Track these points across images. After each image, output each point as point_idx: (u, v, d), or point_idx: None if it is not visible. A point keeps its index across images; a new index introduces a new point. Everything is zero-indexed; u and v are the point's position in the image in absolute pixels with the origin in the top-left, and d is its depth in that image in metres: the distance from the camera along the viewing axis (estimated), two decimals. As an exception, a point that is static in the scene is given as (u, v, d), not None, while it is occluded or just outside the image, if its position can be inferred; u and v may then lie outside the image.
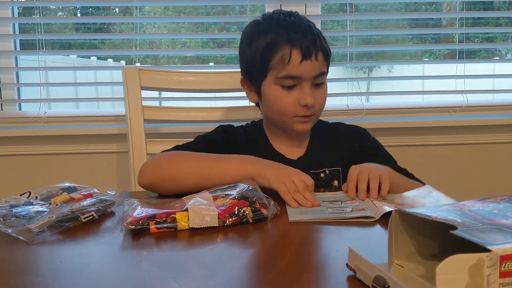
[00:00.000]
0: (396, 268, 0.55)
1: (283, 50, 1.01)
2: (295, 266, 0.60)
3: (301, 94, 1.03)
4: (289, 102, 1.03)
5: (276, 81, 1.03)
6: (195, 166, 0.96)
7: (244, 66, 1.11)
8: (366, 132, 1.20)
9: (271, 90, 1.05)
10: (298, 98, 1.03)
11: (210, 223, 0.74)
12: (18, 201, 0.81)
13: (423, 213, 0.52)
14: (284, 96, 1.04)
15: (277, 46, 1.02)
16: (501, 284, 0.42)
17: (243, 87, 1.14)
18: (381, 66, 2.17)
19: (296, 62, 1.01)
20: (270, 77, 1.04)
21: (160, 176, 0.95)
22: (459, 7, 1.77)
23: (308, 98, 1.02)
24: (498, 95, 1.95)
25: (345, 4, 1.69)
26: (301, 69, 1.01)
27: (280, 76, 1.02)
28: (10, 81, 1.67)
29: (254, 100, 1.14)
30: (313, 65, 1.02)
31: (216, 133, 1.14)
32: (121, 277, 0.59)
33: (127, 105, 1.36)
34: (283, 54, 1.01)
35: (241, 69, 1.14)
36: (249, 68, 1.09)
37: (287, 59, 1.01)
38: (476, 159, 1.75)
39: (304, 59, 1.01)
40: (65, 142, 1.62)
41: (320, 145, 1.14)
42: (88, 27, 1.90)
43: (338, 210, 0.82)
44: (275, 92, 1.04)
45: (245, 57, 1.09)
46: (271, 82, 1.04)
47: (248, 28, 1.11)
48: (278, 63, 1.02)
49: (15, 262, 0.64)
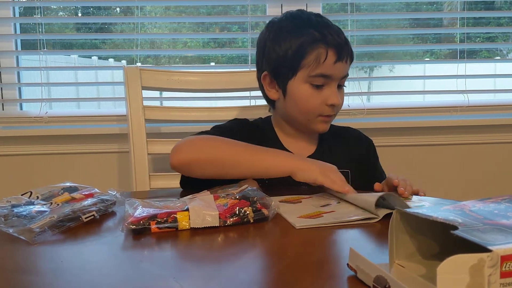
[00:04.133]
0: (397, 268, 0.55)
1: (319, 49, 1.03)
2: (295, 266, 0.60)
3: (329, 94, 1.05)
4: (317, 102, 1.05)
5: (307, 79, 1.05)
6: (238, 153, 0.96)
7: (270, 64, 1.10)
8: (373, 143, 1.23)
9: (300, 88, 1.06)
10: (325, 97, 1.05)
11: (211, 223, 0.74)
12: (19, 201, 0.81)
13: (424, 213, 0.51)
14: (313, 95, 1.05)
15: (313, 45, 1.03)
16: (502, 284, 0.42)
17: (263, 83, 1.13)
18: (382, 66, 2.17)
19: (331, 62, 1.03)
20: (301, 75, 1.05)
21: (202, 157, 0.94)
22: (460, 7, 1.77)
23: (336, 98, 1.05)
24: (499, 95, 1.94)
25: (346, 4, 1.69)
26: (334, 69, 1.04)
27: (313, 74, 1.04)
28: (11, 81, 1.67)
29: (274, 97, 1.12)
30: (343, 67, 1.06)
31: (238, 123, 1.15)
32: (122, 277, 0.59)
33: (128, 105, 1.36)
34: (319, 53, 1.03)
35: (262, 65, 1.12)
36: (277, 66, 1.08)
37: (323, 58, 1.03)
38: (478, 159, 1.75)
39: (338, 60, 1.04)
40: (66, 142, 1.62)
41: (329, 146, 1.16)
42: (89, 27, 1.90)
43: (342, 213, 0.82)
44: (304, 91, 1.06)
45: (273, 55, 1.08)
46: (301, 80, 1.05)
47: (274, 25, 1.10)
48: (312, 61, 1.03)
49: (16, 261, 0.64)
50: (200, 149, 0.96)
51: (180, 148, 0.96)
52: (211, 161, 0.94)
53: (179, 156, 0.95)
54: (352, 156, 1.15)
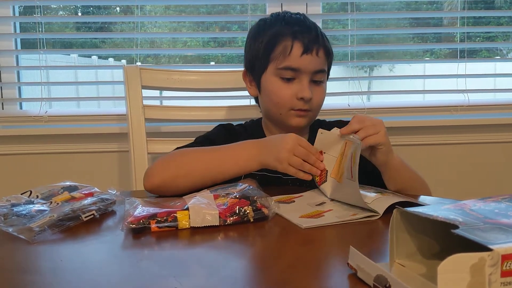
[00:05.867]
0: (397, 267, 0.55)
1: (286, 41, 1.05)
2: (295, 265, 0.60)
3: (299, 87, 1.05)
4: (287, 94, 1.06)
5: (276, 72, 1.06)
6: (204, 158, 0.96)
7: (247, 59, 1.14)
8: None
9: (270, 81, 1.07)
10: (296, 91, 1.05)
11: (211, 222, 0.74)
12: (19, 200, 0.81)
13: (425, 212, 0.51)
14: (282, 88, 1.06)
15: (280, 38, 1.05)
16: (503, 283, 0.42)
17: (245, 81, 1.17)
18: (382, 65, 2.17)
19: (297, 54, 1.04)
20: (271, 69, 1.07)
21: (169, 175, 0.93)
22: (460, 7, 1.77)
23: (306, 91, 1.04)
24: (499, 95, 1.94)
25: (346, 3, 1.69)
26: (301, 62, 1.04)
27: (280, 67, 1.05)
28: (11, 80, 1.67)
29: (254, 94, 1.16)
30: (313, 60, 1.05)
31: (217, 131, 1.15)
32: (122, 276, 0.59)
33: (128, 104, 1.36)
34: (285, 46, 1.04)
35: (244, 62, 1.16)
36: (252, 61, 1.11)
37: (288, 50, 1.04)
38: (477, 158, 1.75)
39: (305, 52, 1.04)
40: (66, 141, 1.62)
41: None
42: (89, 26, 1.90)
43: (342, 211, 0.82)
44: (274, 84, 1.07)
45: (250, 50, 1.12)
46: (271, 73, 1.07)
47: (255, 25, 1.15)
48: (280, 54, 1.05)
49: (16, 261, 0.64)
50: (168, 167, 0.95)
51: (150, 172, 0.95)
52: (182, 175, 0.93)
53: (151, 180, 0.94)
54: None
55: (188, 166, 0.94)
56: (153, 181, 0.94)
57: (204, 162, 0.95)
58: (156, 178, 0.94)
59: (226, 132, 1.14)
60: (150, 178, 0.94)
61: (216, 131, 1.15)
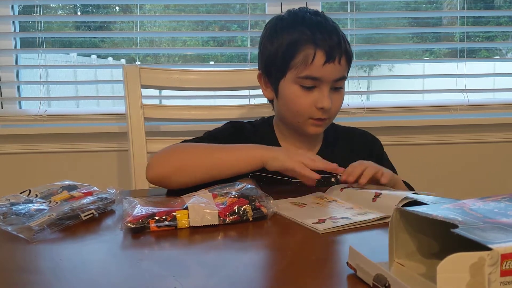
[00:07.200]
0: (396, 266, 0.55)
1: (307, 49, 1.00)
2: (295, 264, 0.60)
3: (319, 96, 1.01)
4: (306, 103, 1.02)
5: (296, 80, 1.02)
6: (206, 155, 0.96)
7: (263, 62, 1.09)
8: (379, 142, 1.19)
9: (289, 89, 1.03)
10: (315, 100, 1.01)
11: (210, 221, 0.74)
12: (18, 199, 0.81)
13: (424, 211, 0.51)
14: (302, 97, 1.02)
15: (301, 45, 1.00)
16: (502, 283, 0.42)
17: (259, 83, 1.12)
18: (381, 65, 2.17)
19: (319, 64, 0.99)
20: (290, 76, 1.02)
21: (171, 168, 0.93)
22: (459, 6, 1.77)
23: (326, 101, 1.01)
24: (498, 94, 1.95)
25: (346, 2, 1.69)
26: (323, 71, 1.00)
27: (301, 76, 1.01)
28: (10, 79, 1.67)
29: (269, 97, 1.12)
30: (335, 69, 1.01)
31: (225, 129, 1.13)
32: (122, 276, 0.59)
33: (127, 103, 1.36)
34: (307, 54, 0.99)
35: (259, 64, 1.12)
36: (269, 64, 1.07)
37: (310, 60, 0.99)
38: (477, 158, 1.75)
39: (327, 61, 0.99)
40: (65, 140, 1.62)
41: (332, 149, 1.13)
42: (88, 25, 1.90)
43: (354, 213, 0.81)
44: (293, 92, 1.03)
45: (266, 52, 1.07)
46: (290, 80, 1.03)
47: (272, 23, 1.09)
48: (300, 62, 1.00)
49: (15, 260, 0.64)
50: (169, 161, 0.95)
51: (152, 163, 0.96)
52: (183, 169, 0.93)
53: (152, 171, 0.94)
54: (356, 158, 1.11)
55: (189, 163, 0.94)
56: (153, 173, 0.95)
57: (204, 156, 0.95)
58: (156, 171, 0.95)
59: (234, 131, 1.12)
60: (151, 170, 0.95)
61: (223, 129, 1.13)
